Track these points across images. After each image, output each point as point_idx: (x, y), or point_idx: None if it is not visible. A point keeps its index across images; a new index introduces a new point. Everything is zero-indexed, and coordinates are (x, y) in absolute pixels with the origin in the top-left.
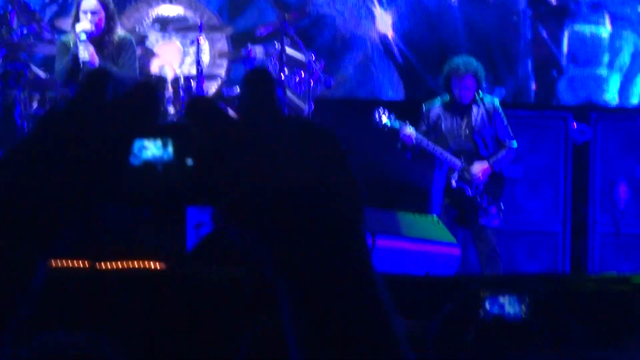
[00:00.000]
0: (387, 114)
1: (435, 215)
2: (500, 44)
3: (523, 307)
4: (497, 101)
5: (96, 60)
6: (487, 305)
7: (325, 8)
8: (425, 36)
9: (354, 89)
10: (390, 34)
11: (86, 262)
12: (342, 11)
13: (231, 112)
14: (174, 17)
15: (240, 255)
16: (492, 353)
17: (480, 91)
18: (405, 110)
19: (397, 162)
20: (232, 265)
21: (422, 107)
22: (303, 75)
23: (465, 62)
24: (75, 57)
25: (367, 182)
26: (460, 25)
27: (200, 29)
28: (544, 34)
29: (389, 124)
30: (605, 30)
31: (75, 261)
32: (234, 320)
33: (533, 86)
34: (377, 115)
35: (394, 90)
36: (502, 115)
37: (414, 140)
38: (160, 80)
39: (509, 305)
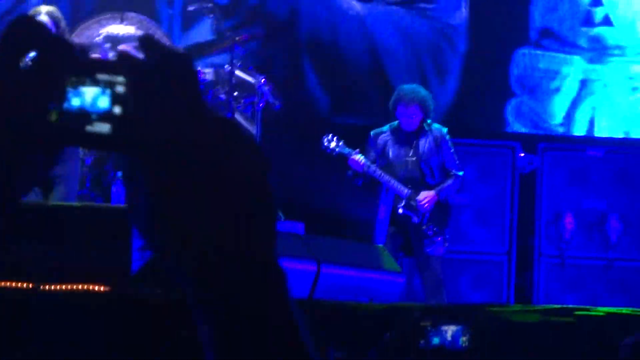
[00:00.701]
0: (335, 140)
1: (380, 245)
2: (432, 54)
3: (466, 337)
4: (444, 130)
5: None
6: (430, 335)
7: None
8: (361, 45)
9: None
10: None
11: (29, 283)
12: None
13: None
14: (124, 36)
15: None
16: None
17: (428, 120)
18: (353, 135)
19: (343, 189)
20: (176, 287)
21: (371, 134)
22: (252, 98)
23: (409, 89)
24: None
25: (313, 209)
26: (395, 34)
27: None
28: (492, 55)
29: (337, 150)
30: (554, 55)
31: (18, 282)
32: (177, 342)
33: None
34: (325, 141)
35: (341, 111)
36: (450, 144)
37: (360, 167)
38: None
39: (452, 335)
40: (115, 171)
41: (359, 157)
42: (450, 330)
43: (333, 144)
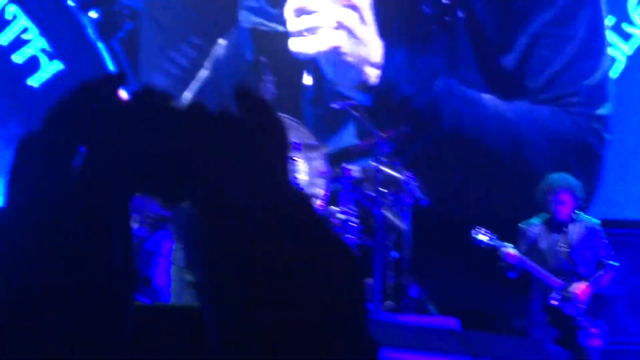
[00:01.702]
0: (486, 233)
1: (536, 338)
2: (578, 150)
3: None
4: (596, 221)
5: None
6: None
7: None
8: (504, 142)
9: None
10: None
11: None
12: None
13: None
14: None
15: None
16: None
17: (578, 209)
18: (501, 228)
19: (495, 282)
20: None
21: (521, 227)
22: (400, 194)
23: (559, 177)
24: None
25: (467, 304)
26: (539, 132)
27: (297, 148)
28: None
29: (489, 243)
30: None
31: None
32: None
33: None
34: (476, 234)
35: (487, 205)
36: (602, 234)
37: (515, 260)
38: None
39: None
40: None
41: (511, 250)
42: None
43: (484, 237)
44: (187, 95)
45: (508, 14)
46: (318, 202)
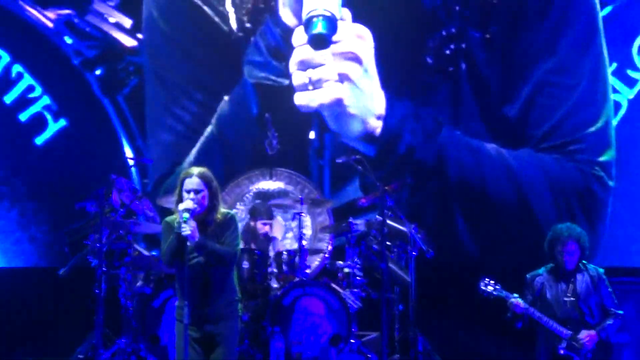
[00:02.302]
0: (492, 284)
1: None
2: (581, 197)
3: None
4: (600, 270)
5: (196, 236)
6: None
7: None
8: (509, 190)
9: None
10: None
11: None
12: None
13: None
14: (275, 191)
15: None
16: None
17: (584, 259)
18: (505, 278)
19: (500, 332)
20: None
21: (527, 277)
22: (405, 246)
23: (568, 228)
24: (179, 237)
25: (471, 354)
26: (543, 180)
27: (301, 203)
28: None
29: (495, 294)
30: None
31: None
32: None
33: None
34: (482, 285)
35: (492, 255)
36: (607, 282)
37: (522, 310)
38: (264, 255)
39: None
40: (272, 326)
41: (518, 300)
42: None
43: (490, 288)
44: (193, 152)
45: (510, 64)
46: (321, 257)
